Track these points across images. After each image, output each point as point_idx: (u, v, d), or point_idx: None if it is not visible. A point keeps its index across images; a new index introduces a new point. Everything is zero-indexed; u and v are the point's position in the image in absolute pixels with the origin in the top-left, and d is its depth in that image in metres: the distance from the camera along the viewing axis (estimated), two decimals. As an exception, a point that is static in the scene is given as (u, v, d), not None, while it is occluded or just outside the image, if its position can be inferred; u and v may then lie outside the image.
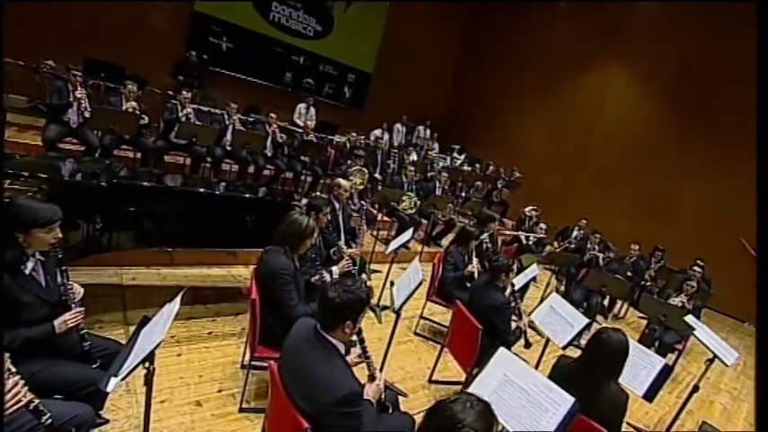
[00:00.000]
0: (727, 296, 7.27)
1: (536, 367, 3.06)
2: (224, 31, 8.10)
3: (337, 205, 4.15)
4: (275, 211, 3.69)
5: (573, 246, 7.01)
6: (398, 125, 9.96)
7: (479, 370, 3.05)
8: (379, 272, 4.89)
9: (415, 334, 4.14)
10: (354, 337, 1.78)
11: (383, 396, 1.93)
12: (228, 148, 5.44)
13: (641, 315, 6.18)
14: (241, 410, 2.54)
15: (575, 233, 7.66)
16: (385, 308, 4.26)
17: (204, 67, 6.70)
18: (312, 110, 7.88)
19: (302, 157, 6.23)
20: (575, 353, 2.45)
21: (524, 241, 5.45)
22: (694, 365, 5.30)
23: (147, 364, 1.49)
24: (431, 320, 4.37)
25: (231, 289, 3.97)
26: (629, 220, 8.75)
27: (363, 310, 1.71)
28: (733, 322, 7.89)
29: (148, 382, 1.55)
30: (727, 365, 3.57)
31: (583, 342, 2.67)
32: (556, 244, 6.62)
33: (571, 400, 1.84)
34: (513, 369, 2.16)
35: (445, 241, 6.10)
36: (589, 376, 2.16)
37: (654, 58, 9.21)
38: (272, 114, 5.94)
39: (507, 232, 5.42)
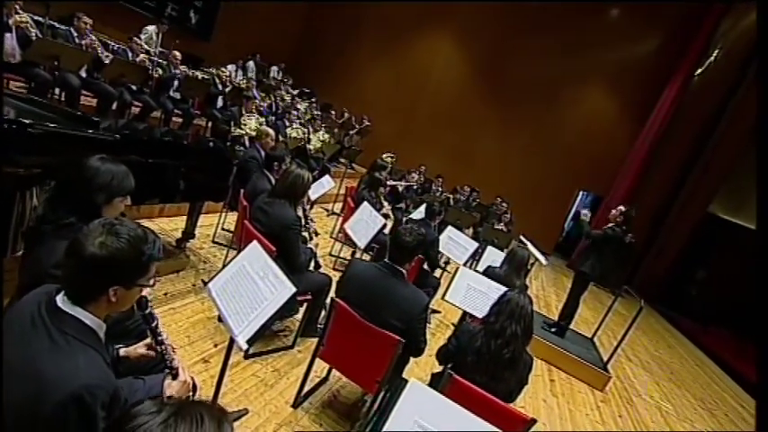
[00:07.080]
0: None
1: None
2: None
3: (262, 154, 4.09)
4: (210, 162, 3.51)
5: (416, 187, 8.47)
6: (251, 63, 9.26)
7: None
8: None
9: (335, 269, 4.66)
10: None
11: None
12: (84, 76, 4.31)
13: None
14: (246, 357, 2.68)
15: (416, 177, 9.15)
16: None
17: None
18: (160, 36, 6.59)
19: (171, 94, 5.42)
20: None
21: (400, 188, 6.39)
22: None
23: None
24: (338, 257, 4.95)
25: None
26: (445, 163, 10.57)
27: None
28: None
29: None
30: (543, 264, 5.50)
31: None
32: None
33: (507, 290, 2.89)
34: (473, 279, 3.11)
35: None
36: (509, 276, 3.32)
37: (473, 33, 11.19)
38: (136, 39, 4.86)
39: (390, 182, 6.24)
